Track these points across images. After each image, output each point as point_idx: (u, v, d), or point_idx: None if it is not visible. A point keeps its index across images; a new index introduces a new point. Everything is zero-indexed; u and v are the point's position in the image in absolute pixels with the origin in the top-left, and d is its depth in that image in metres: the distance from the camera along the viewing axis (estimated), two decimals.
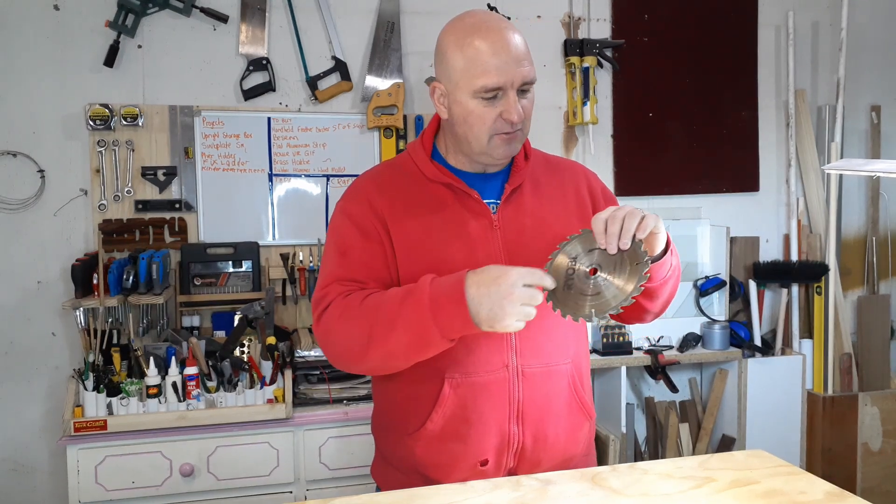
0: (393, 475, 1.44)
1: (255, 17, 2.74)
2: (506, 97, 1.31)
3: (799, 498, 1.21)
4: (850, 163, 1.78)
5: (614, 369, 2.80)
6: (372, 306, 1.27)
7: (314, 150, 2.81)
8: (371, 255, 1.36)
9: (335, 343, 1.33)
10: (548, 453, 1.39)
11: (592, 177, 1.53)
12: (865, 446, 3.01)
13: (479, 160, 1.40)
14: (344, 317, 1.30)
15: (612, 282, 1.22)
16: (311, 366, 2.47)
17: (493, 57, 1.29)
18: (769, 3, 3.22)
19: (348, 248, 1.37)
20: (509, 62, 1.30)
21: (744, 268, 3.17)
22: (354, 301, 1.30)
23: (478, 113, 1.32)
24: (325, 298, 1.34)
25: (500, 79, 1.29)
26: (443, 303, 1.19)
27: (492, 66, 1.29)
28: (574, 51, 2.98)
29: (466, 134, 1.35)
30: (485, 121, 1.32)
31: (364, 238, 1.37)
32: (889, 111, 3.38)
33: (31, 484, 2.64)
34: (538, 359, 1.36)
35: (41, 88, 2.60)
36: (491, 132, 1.33)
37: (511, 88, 1.31)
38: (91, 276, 2.44)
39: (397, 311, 1.23)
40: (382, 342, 1.25)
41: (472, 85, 1.31)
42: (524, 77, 1.32)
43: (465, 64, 1.31)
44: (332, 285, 1.35)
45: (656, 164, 3.12)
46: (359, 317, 1.27)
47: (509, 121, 1.32)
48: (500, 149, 1.35)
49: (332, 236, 1.42)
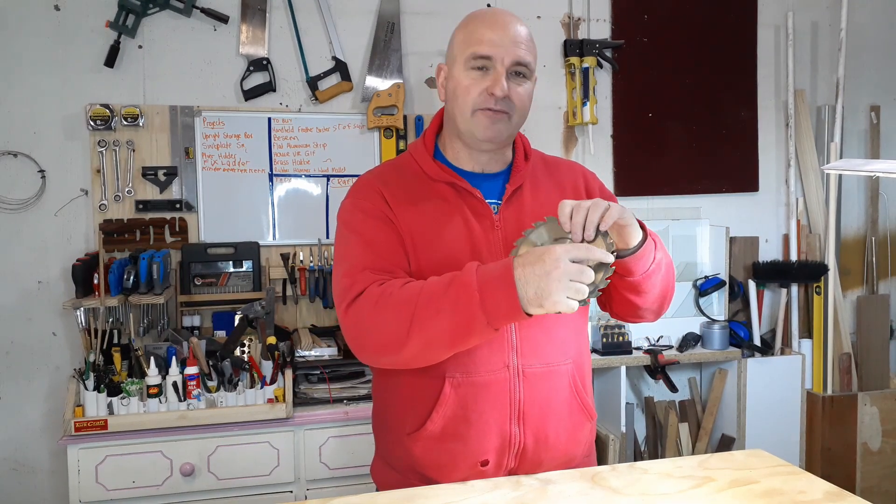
0: (391, 475, 1.44)
1: (256, 17, 2.75)
2: (494, 71, 1.34)
3: (798, 497, 1.22)
4: (849, 163, 1.78)
5: (614, 369, 2.80)
6: (413, 293, 1.22)
7: (314, 150, 2.81)
8: (395, 244, 1.34)
9: (369, 332, 1.26)
10: (549, 454, 1.39)
11: (591, 176, 1.54)
12: (865, 446, 3.02)
13: (467, 141, 1.40)
14: (381, 305, 1.24)
15: None
16: (312, 365, 2.48)
17: (489, 30, 1.34)
18: (769, 4, 3.23)
19: (372, 237, 1.34)
20: (504, 38, 1.33)
21: (743, 268, 3.18)
22: (392, 288, 1.24)
23: (465, 84, 1.35)
24: (355, 286, 1.29)
25: (491, 49, 1.33)
26: (491, 286, 1.15)
27: (485, 38, 1.34)
28: (574, 51, 2.98)
29: (454, 110, 1.38)
30: (470, 92, 1.34)
31: (386, 227, 1.35)
32: (888, 111, 3.38)
33: (32, 484, 2.64)
34: (539, 359, 1.36)
35: (42, 89, 2.60)
36: (475, 105, 1.35)
37: (501, 64, 1.33)
38: (92, 276, 2.45)
39: (442, 295, 1.18)
40: (425, 329, 1.19)
41: (464, 54, 1.35)
42: (517, 56, 1.34)
43: (463, 37, 1.37)
44: (363, 272, 1.30)
45: (656, 164, 3.12)
46: (398, 304, 1.22)
47: (492, 94, 1.33)
48: (482, 125, 1.35)
49: (350, 232, 1.38)
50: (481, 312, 1.15)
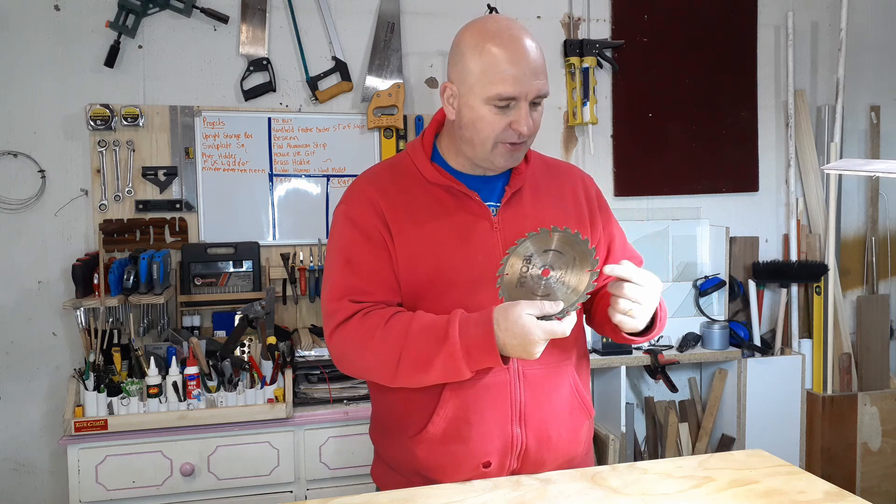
0: (394, 478, 1.44)
1: (256, 17, 2.75)
2: (518, 108, 1.31)
3: (798, 497, 1.22)
4: (849, 163, 1.78)
5: (614, 369, 2.80)
6: (398, 337, 1.28)
7: (314, 150, 2.81)
8: (377, 260, 1.36)
9: (354, 363, 1.36)
10: (551, 454, 1.39)
11: (589, 181, 1.55)
12: (865, 446, 3.02)
13: (480, 164, 1.40)
14: (366, 343, 1.30)
15: (563, 285, 1.26)
16: (312, 365, 2.48)
17: (511, 66, 1.29)
18: (769, 4, 3.23)
19: (353, 256, 1.36)
20: (526, 73, 1.30)
21: (743, 268, 3.18)
22: (375, 324, 1.30)
23: (488, 119, 1.32)
24: (337, 314, 1.34)
25: (516, 89, 1.29)
26: (476, 353, 1.24)
27: (509, 76, 1.29)
28: (574, 51, 2.98)
29: (472, 138, 1.35)
30: (494, 128, 1.32)
31: (368, 243, 1.36)
32: (888, 111, 3.38)
33: (32, 483, 2.64)
34: (539, 360, 1.35)
35: (42, 89, 2.60)
36: (497, 140, 1.34)
37: (524, 100, 1.31)
38: (92, 276, 2.45)
39: (430, 357, 1.26)
40: (414, 377, 1.29)
41: (486, 91, 1.30)
42: (538, 90, 1.32)
43: (481, 69, 1.31)
44: (342, 300, 1.34)
45: (656, 164, 3.12)
46: (383, 347, 1.29)
47: (518, 131, 1.32)
48: (503, 158, 1.36)
49: (335, 242, 1.40)
50: (467, 369, 1.26)
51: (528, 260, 1.26)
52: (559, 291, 1.25)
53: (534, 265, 1.26)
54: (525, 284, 1.26)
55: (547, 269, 1.26)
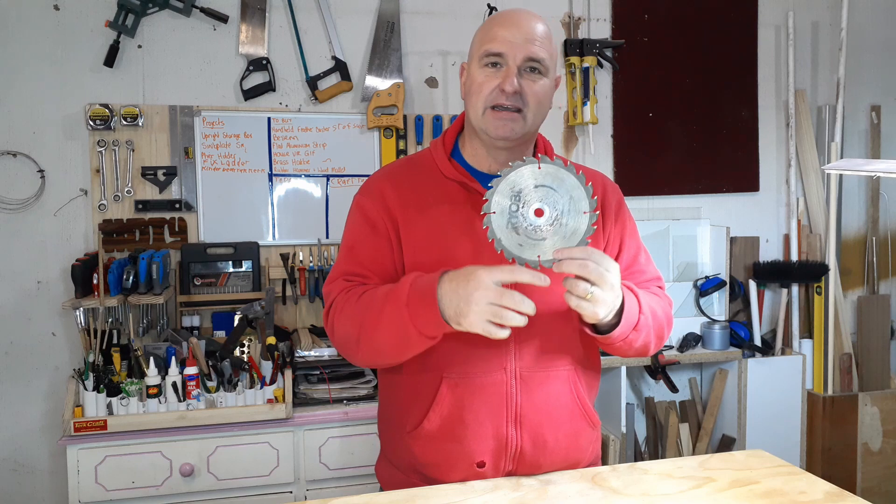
0: (395, 474, 1.45)
1: (255, 17, 2.74)
2: (506, 67, 1.33)
3: (799, 498, 1.21)
4: (850, 163, 1.78)
5: (614, 369, 2.80)
6: (363, 304, 1.30)
7: (314, 150, 2.81)
8: (376, 250, 1.38)
9: (334, 336, 1.37)
10: (548, 458, 1.37)
11: (611, 189, 1.50)
12: (865, 446, 3.01)
13: (484, 139, 1.39)
14: (342, 313, 1.33)
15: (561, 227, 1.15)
16: (311, 366, 2.48)
17: (502, 28, 1.34)
18: (769, 3, 3.22)
19: (356, 242, 1.41)
20: (517, 35, 1.33)
21: (744, 268, 3.18)
22: (352, 297, 1.33)
23: (479, 81, 1.35)
24: (331, 294, 1.39)
25: (503, 46, 1.33)
26: (416, 302, 1.20)
27: (499, 35, 1.34)
28: (574, 51, 2.98)
29: (468, 107, 1.39)
30: (482, 88, 1.34)
31: (372, 232, 1.39)
32: (889, 111, 3.38)
33: (32, 484, 2.64)
34: (538, 362, 1.35)
35: (41, 88, 2.60)
36: (486, 102, 1.34)
37: (513, 60, 1.33)
38: (91, 276, 2.44)
39: (380, 310, 1.25)
40: (370, 340, 1.28)
41: (479, 52, 1.36)
42: (529, 53, 1.33)
43: (480, 36, 1.38)
44: (337, 280, 1.39)
45: (656, 164, 3.12)
46: (352, 314, 1.31)
47: (502, 89, 1.32)
48: (493, 124, 1.35)
49: (346, 230, 1.46)
50: (412, 326, 1.21)
51: (517, 197, 1.14)
52: (557, 235, 1.13)
53: (524, 203, 1.13)
54: (518, 228, 1.14)
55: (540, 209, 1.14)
